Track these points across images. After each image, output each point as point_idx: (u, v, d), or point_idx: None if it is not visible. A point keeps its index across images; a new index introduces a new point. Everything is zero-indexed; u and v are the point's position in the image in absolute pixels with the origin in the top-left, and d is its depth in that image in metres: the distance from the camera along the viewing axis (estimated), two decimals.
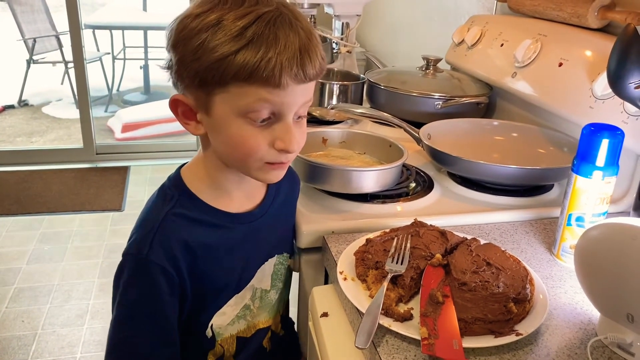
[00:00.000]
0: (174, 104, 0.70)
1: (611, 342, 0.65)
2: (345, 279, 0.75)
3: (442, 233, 0.81)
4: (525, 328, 0.65)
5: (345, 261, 0.78)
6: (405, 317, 0.68)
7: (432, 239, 0.79)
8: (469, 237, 0.81)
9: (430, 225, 0.83)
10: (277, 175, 0.73)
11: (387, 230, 0.84)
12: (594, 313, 0.70)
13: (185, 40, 0.64)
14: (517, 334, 0.64)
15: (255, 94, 0.64)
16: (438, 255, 0.75)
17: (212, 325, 0.79)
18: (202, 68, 0.63)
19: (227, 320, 0.80)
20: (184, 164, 0.78)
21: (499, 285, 0.68)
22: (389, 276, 0.72)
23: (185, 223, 0.72)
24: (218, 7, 0.64)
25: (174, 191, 0.74)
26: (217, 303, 0.78)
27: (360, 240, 0.82)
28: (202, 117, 0.69)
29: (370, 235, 0.83)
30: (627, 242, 0.59)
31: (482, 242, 0.80)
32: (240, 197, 0.77)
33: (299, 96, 0.67)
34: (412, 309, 0.69)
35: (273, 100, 0.65)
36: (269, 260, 0.83)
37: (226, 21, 0.63)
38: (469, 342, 0.63)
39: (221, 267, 0.76)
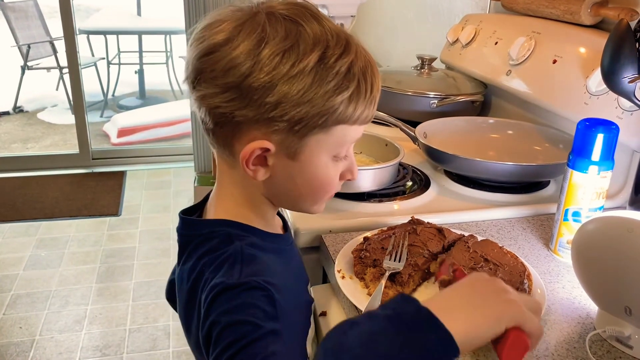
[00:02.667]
0: (252, 153, 0.58)
1: (609, 336, 0.65)
2: (343, 277, 0.75)
3: (440, 230, 0.81)
4: None
5: (343, 260, 0.78)
6: None
7: (430, 236, 0.80)
8: (467, 234, 0.81)
9: (428, 222, 0.83)
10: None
11: (385, 228, 0.84)
12: (592, 307, 0.71)
13: (280, 82, 0.55)
14: None
15: (353, 133, 0.61)
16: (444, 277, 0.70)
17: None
18: (310, 114, 0.56)
19: (309, 347, 0.71)
20: (187, 211, 0.68)
21: None
22: (387, 274, 0.72)
23: (260, 252, 0.61)
24: (305, 42, 0.56)
25: (229, 229, 0.62)
26: (306, 330, 0.69)
27: (358, 239, 0.82)
28: (280, 161, 0.60)
29: (368, 234, 0.83)
30: (624, 235, 0.60)
31: (480, 238, 0.80)
32: (275, 224, 0.71)
33: None
34: None
35: (359, 135, 0.63)
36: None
37: (331, 58, 0.56)
38: None
39: (294, 289, 0.67)
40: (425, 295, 0.75)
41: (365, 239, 0.80)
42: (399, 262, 0.74)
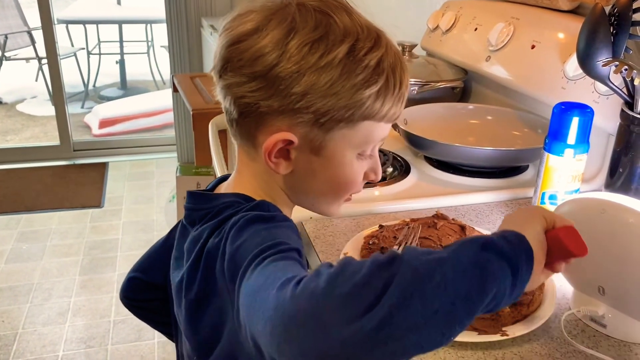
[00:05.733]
0: (275, 145, 0.57)
1: (584, 315, 0.66)
2: None
3: (462, 227, 0.79)
4: (514, 330, 0.63)
5: (354, 244, 0.78)
6: None
7: (449, 232, 0.77)
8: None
9: (453, 219, 0.82)
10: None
11: (408, 219, 0.83)
12: (568, 288, 0.72)
13: (307, 72, 0.54)
14: (503, 334, 0.62)
15: (380, 131, 0.60)
16: None
17: None
18: (336, 107, 0.55)
19: None
20: (210, 194, 0.65)
21: None
22: None
23: None
24: (334, 34, 0.55)
25: (248, 203, 0.60)
26: None
27: (374, 227, 0.82)
28: (303, 155, 0.59)
29: (388, 223, 0.81)
30: (596, 216, 0.61)
31: None
32: None
33: None
34: None
35: (385, 134, 0.61)
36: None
37: (360, 51, 0.55)
38: None
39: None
40: None
41: (380, 226, 0.80)
42: None
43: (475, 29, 1.34)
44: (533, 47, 1.14)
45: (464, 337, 0.63)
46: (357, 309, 0.39)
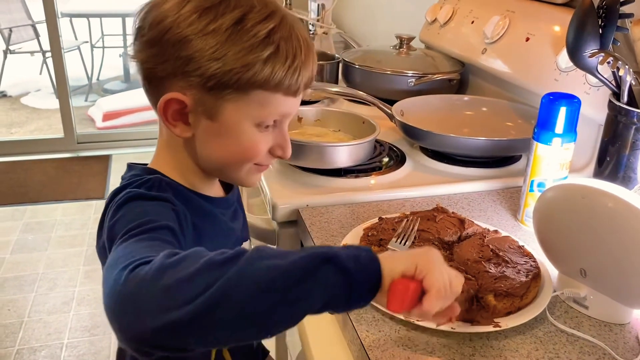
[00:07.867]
0: (167, 105, 0.60)
1: (567, 297, 0.69)
2: None
3: (462, 221, 0.80)
4: (506, 321, 0.64)
5: (353, 235, 0.79)
6: None
7: (448, 225, 0.78)
8: (492, 229, 0.79)
9: (453, 212, 0.83)
10: (259, 178, 0.70)
11: (408, 212, 0.84)
12: (553, 272, 0.74)
13: (194, 37, 0.57)
14: (496, 326, 0.63)
15: (277, 103, 0.61)
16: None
17: None
18: (222, 71, 0.57)
19: None
20: (133, 165, 0.69)
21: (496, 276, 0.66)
22: None
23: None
24: (226, 3, 0.58)
25: (156, 175, 0.64)
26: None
27: (374, 219, 0.83)
28: (200, 120, 0.61)
29: (387, 216, 0.82)
30: (578, 201, 0.63)
31: (503, 234, 0.78)
32: (210, 190, 0.72)
33: (299, 102, 0.64)
34: None
35: (287, 109, 0.63)
36: (243, 244, 0.80)
37: (249, 22, 0.57)
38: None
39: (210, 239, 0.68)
40: None
41: (380, 219, 0.81)
42: (404, 245, 0.73)
43: (472, 22, 1.36)
44: (527, 39, 1.16)
45: (458, 327, 0.63)
46: (173, 302, 0.43)
